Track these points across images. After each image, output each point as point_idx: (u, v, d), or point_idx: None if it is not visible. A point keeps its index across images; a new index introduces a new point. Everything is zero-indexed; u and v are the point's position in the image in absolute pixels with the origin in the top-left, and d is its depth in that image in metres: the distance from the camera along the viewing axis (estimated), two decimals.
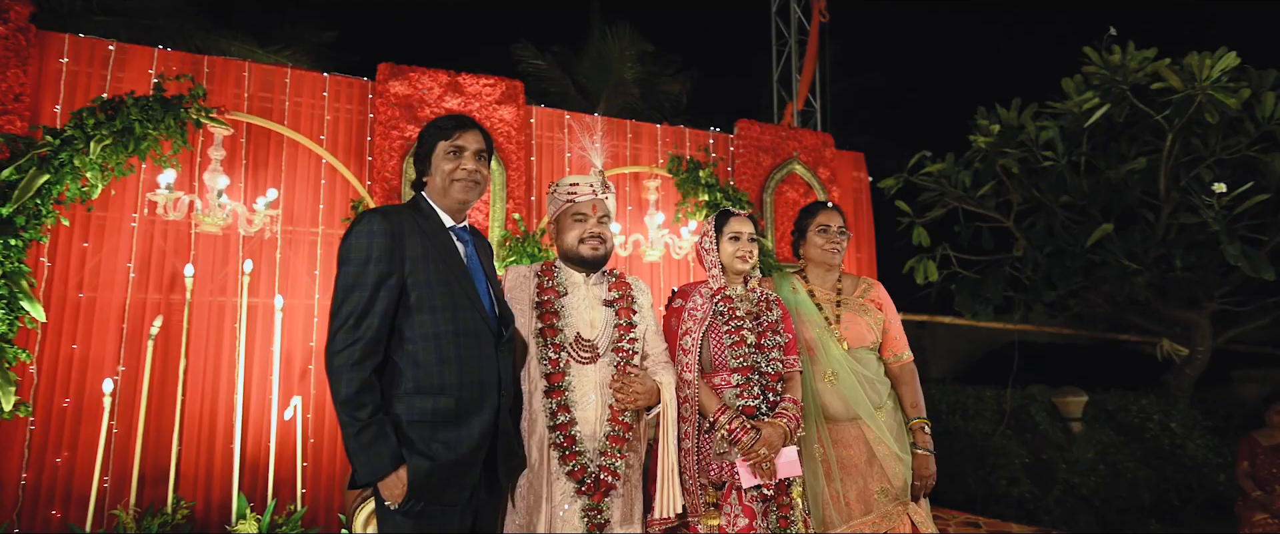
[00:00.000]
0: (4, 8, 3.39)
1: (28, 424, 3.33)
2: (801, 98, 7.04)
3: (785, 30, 7.32)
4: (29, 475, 3.32)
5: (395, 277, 1.66)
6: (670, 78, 9.67)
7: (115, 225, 3.62)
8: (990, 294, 5.71)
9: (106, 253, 3.58)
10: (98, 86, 3.63)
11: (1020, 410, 5.61)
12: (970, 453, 5.45)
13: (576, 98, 9.19)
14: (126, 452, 3.40)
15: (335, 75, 4.25)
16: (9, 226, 3.07)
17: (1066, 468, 5.09)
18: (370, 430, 1.56)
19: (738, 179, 5.31)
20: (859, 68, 14.11)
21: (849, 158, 6.09)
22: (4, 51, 3.37)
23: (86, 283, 3.53)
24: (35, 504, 3.32)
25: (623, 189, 5.03)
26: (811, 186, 5.59)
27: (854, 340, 2.31)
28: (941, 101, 12.86)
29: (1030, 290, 5.65)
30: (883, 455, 2.22)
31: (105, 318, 3.55)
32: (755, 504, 1.95)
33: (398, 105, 4.22)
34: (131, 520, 3.23)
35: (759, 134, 5.45)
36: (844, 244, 2.42)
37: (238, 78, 3.96)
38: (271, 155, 4.00)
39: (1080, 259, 5.28)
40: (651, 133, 5.16)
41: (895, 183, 6.19)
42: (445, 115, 1.89)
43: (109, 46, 3.69)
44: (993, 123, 5.43)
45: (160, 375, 3.55)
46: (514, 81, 4.59)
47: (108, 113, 3.30)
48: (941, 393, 6.09)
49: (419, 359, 1.64)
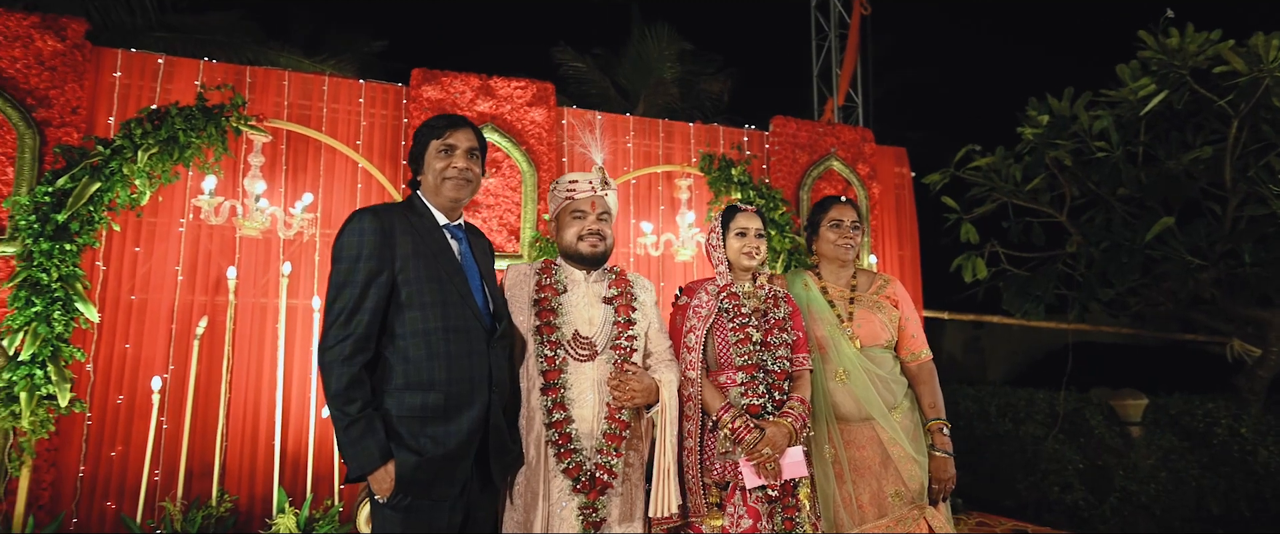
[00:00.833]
0: (61, 27, 3.59)
1: (85, 419, 3.51)
2: (842, 93, 6.89)
3: (825, 24, 7.19)
4: (86, 468, 3.51)
5: (385, 274, 1.68)
6: (711, 77, 9.61)
7: (165, 230, 3.79)
8: (1041, 292, 5.47)
9: (156, 256, 3.75)
10: (148, 98, 3.81)
11: (1074, 414, 5.35)
12: (1020, 458, 5.23)
13: (617, 99, 9.22)
14: (175, 447, 3.55)
15: (371, 82, 4.36)
16: (64, 232, 3.25)
17: (1124, 474, 4.83)
18: (359, 425, 1.59)
19: (773, 176, 5.23)
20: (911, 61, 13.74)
21: (890, 153, 5.93)
22: (62, 68, 3.57)
23: (138, 285, 3.71)
24: (92, 495, 3.50)
25: (655, 188, 5.01)
26: (850, 183, 5.47)
27: (867, 338, 2.24)
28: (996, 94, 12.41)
29: (1083, 288, 5.39)
30: (897, 457, 2.14)
31: (155, 318, 3.72)
32: (760, 505, 1.91)
33: (431, 109, 4.30)
34: (178, 513, 3.37)
35: (795, 130, 5.36)
36: (858, 239, 2.35)
37: (278, 87, 4.10)
38: (310, 160, 4.13)
39: (1138, 255, 5.01)
40: (684, 132, 5.13)
41: (941, 178, 6.00)
42: (437, 115, 1.90)
43: (158, 60, 3.87)
44: (1042, 114, 5.21)
45: (206, 374, 3.69)
46: (544, 83, 4.62)
47: (154, 123, 3.46)
48: (991, 395, 5.87)
49: (409, 355, 1.67)
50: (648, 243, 4.72)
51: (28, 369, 3.13)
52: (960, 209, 5.90)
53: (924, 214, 6.62)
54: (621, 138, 4.95)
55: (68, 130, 3.52)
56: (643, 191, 4.97)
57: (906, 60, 13.82)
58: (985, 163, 5.72)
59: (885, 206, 5.74)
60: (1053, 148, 5.21)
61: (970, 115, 12.23)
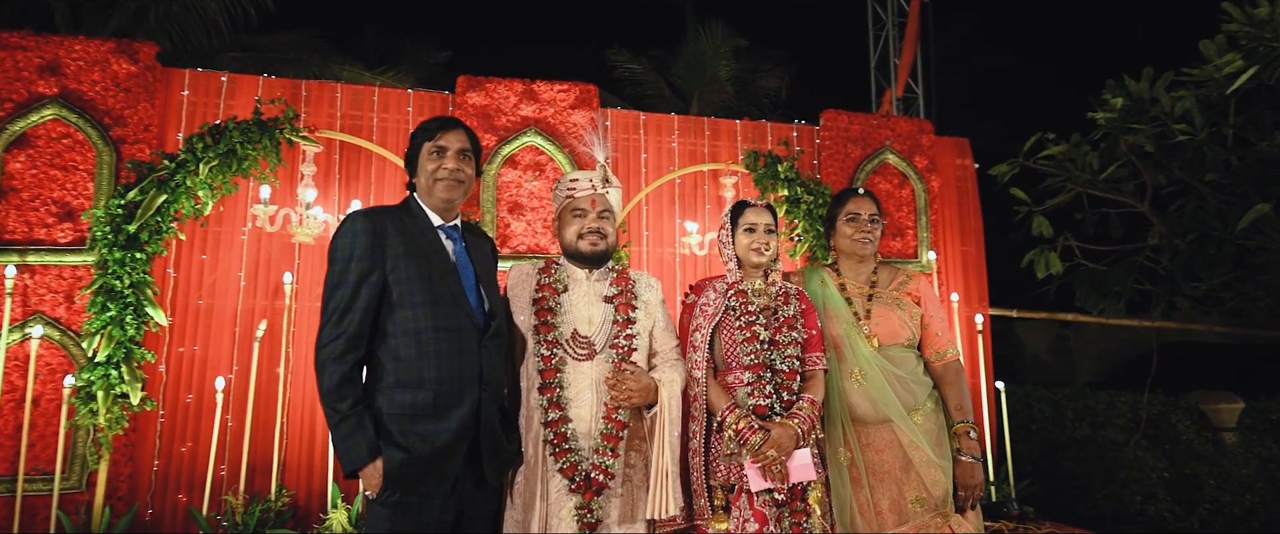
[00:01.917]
0: (135, 50, 3.85)
1: (158, 417, 3.74)
2: (901, 84, 6.64)
3: (882, 13, 6.95)
4: (159, 462, 3.74)
5: (376, 274, 1.71)
6: (768, 73, 9.46)
7: (229, 239, 4.01)
8: (1119, 288, 5.10)
9: (221, 264, 3.97)
10: (212, 114, 4.03)
11: (1160, 418, 4.97)
12: (1098, 465, 4.90)
13: (671, 99, 9.20)
14: (238, 444, 3.74)
15: (418, 91, 4.49)
16: (134, 242, 3.48)
17: (1216, 484, 4.45)
18: (349, 422, 1.62)
19: (824, 172, 5.09)
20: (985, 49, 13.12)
21: (951, 144, 5.67)
22: (136, 88, 3.82)
23: (205, 291, 3.93)
24: (164, 489, 3.73)
25: (701, 187, 4.96)
26: (907, 176, 5.26)
27: (886, 337, 2.13)
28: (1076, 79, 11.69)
29: (1166, 282, 4.99)
30: (919, 462, 2.02)
31: (221, 322, 3.93)
32: (768, 509, 1.84)
33: (475, 115, 4.39)
34: (240, 506, 3.55)
35: (847, 124, 5.19)
36: (876, 233, 2.23)
37: (331, 99, 4.27)
38: (361, 169, 4.28)
39: (1229, 246, 4.60)
40: (731, 129, 5.05)
41: (1009, 169, 5.68)
42: (432, 117, 1.93)
43: (221, 78, 4.09)
44: (1117, 97, 4.87)
45: (266, 375, 3.88)
46: (588, 86, 4.64)
47: (214, 137, 3.67)
48: (1068, 398, 5.53)
49: (400, 354, 1.69)
50: (692, 242, 4.67)
51: (104, 369, 3.37)
52: (1031, 201, 5.58)
53: (995, 208, 6.28)
54: (666, 138, 4.92)
55: (140, 147, 3.76)
56: (688, 190, 4.93)
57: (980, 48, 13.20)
58: (1057, 151, 5.39)
59: (945, 200, 5.49)
60: (1130, 133, 4.86)
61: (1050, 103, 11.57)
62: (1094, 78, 5.87)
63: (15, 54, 3.65)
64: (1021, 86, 12.64)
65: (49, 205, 3.61)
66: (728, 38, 8.91)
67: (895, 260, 5.07)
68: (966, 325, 5.21)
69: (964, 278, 5.43)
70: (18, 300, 3.48)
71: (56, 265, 3.56)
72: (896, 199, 5.18)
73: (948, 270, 5.37)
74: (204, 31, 6.06)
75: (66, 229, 3.61)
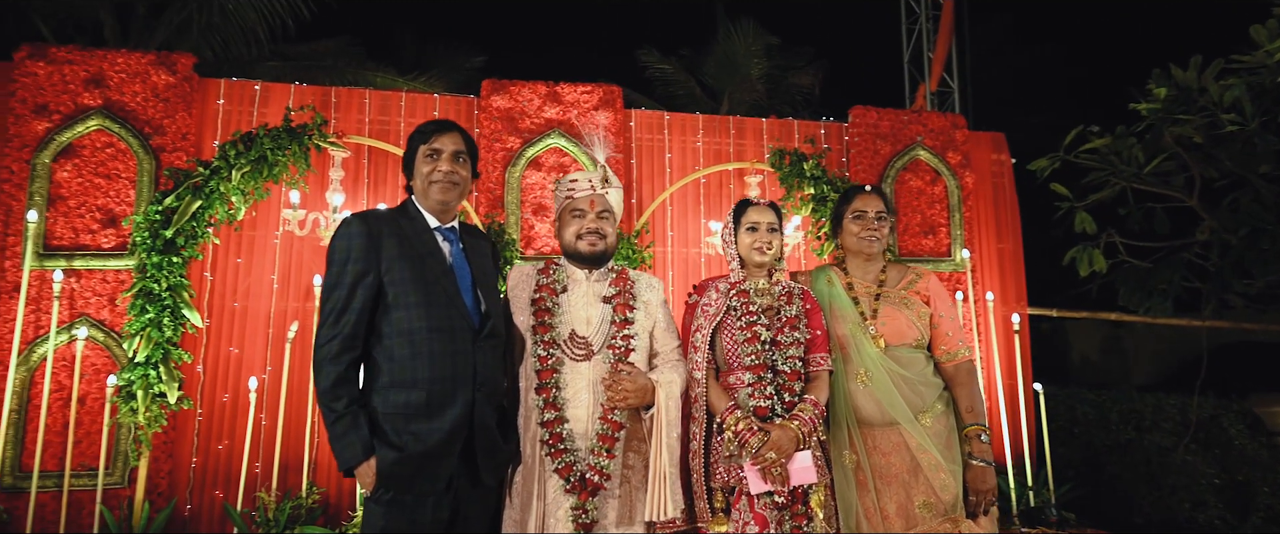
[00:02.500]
0: (173, 62, 3.99)
1: (196, 416, 3.87)
2: (935, 78, 6.48)
3: (916, 6, 6.80)
4: (198, 460, 3.87)
5: (371, 275, 1.74)
6: (800, 70, 9.34)
7: (262, 243, 4.12)
8: (1165, 285, 4.89)
9: (255, 267, 4.08)
10: (246, 122, 4.15)
11: (1211, 421, 4.75)
12: (1144, 471, 4.71)
13: (702, 99, 9.15)
14: (272, 442, 3.85)
15: (444, 95, 4.55)
16: (171, 246, 3.61)
17: (1270, 492, 4.23)
18: (344, 421, 1.65)
19: (852, 169, 5.00)
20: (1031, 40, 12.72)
21: (986, 139, 5.51)
22: (174, 98, 3.96)
23: (240, 294, 4.05)
24: (202, 485, 3.86)
25: (726, 187, 4.92)
26: (939, 173, 5.14)
27: (892, 337, 2.07)
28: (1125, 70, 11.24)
29: (1216, 280, 4.77)
30: (928, 465, 1.96)
31: (255, 324, 4.05)
32: (768, 512, 1.81)
33: (500, 118, 4.44)
34: (273, 502, 3.65)
35: (876, 120, 5.10)
36: (884, 231, 2.18)
37: (360, 105, 4.36)
38: (388, 173, 4.36)
39: None
40: (756, 127, 5.01)
41: (1049, 163, 5.50)
42: (427, 121, 1.95)
43: (255, 87, 4.21)
44: (1161, 87, 4.67)
45: (298, 375, 3.98)
46: (611, 87, 4.65)
47: (245, 144, 3.78)
48: (1113, 400, 5.32)
49: (394, 354, 1.72)
50: (717, 242, 4.64)
51: (143, 370, 3.50)
52: (1072, 196, 5.38)
53: (1034, 204, 6.09)
54: (691, 137, 4.90)
55: (178, 154, 3.90)
56: (713, 190, 4.90)
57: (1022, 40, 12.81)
58: (1100, 144, 5.19)
59: (981, 197, 5.34)
60: (1175, 124, 4.65)
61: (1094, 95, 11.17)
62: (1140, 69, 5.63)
63: (62, 68, 3.82)
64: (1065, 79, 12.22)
65: (93, 212, 3.76)
66: (759, 36, 8.83)
67: (919, 258, 4.95)
68: (1003, 325, 5.07)
69: (1000, 276, 5.28)
70: (65, 303, 3.63)
71: (101, 269, 3.71)
72: (928, 196, 5.06)
73: (983, 268, 5.22)
74: (243, 41, 6.25)
75: (110, 235, 3.76)
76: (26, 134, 3.72)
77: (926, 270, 2.22)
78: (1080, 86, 11.96)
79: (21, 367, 3.53)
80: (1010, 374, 4.92)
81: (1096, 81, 11.70)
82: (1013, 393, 4.90)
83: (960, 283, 4.95)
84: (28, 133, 3.72)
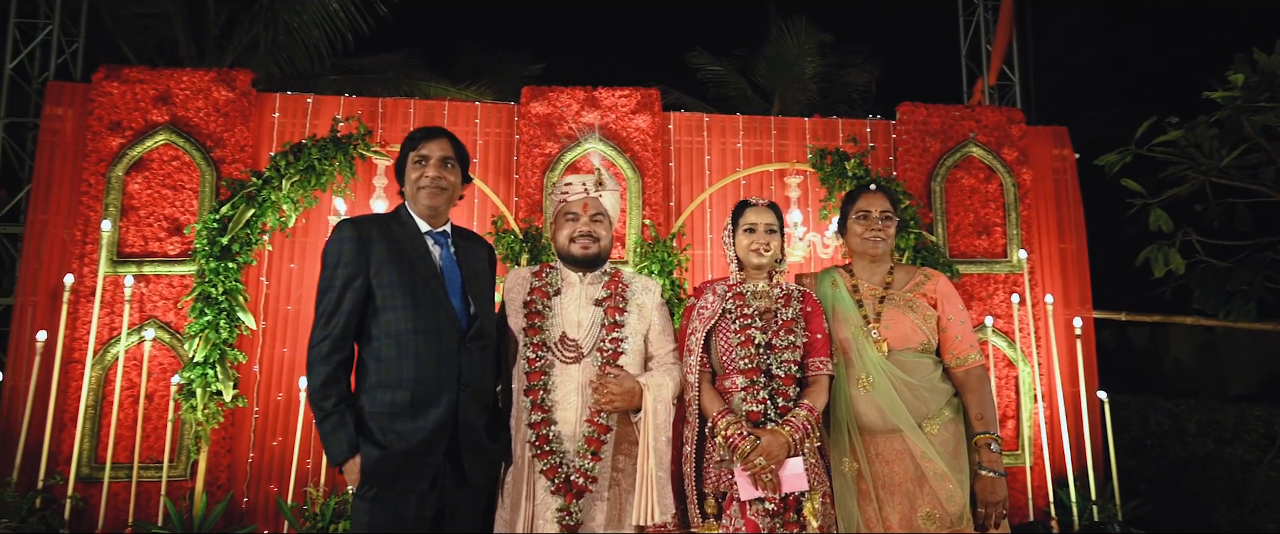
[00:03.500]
0: (232, 78, 4.23)
1: (253, 413, 4.08)
2: (994, 71, 6.20)
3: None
4: (254, 455, 4.07)
5: (361, 278, 1.80)
6: (855, 68, 9.12)
7: (314, 248, 4.31)
8: (1246, 287, 4.53)
9: (308, 272, 4.27)
10: (299, 133, 4.35)
11: None
12: (1224, 486, 4.38)
13: (754, 100, 9.05)
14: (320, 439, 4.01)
15: (485, 102, 4.65)
16: (227, 253, 3.82)
17: None
18: (332, 419, 1.72)
19: (900, 168, 4.85)
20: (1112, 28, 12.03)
21: (1047, 134, 5.24)
22: (233, 113, 4.20)
23: (293, 298, 4.24)
24: (258, 479, 4.06)
25: (766, 188, 4.84)
26: (994, 170, 4.92)
27: (896, 341, 1.98)
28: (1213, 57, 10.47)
29: None
30: (933, 475, 1.87)
31: (307, 326, 4.15)
32: (760, 519, 1.77)
33: (538, 124, 4.50)
34: (320, 497, 3.81)
35: (925, 117, 4.92)
36: (889, 231, 2.09)
37: (405, 114, 4.51)
38: None
39: None
40: (799, 127, 4.91)
41: (1119, 158, 5.17)
42: (417, 128, 1.99)
43: (307, 100, 4.42)
44: (1239, 73, 4.33)
45: None
46: (650, 90, 4.65)
47: (295, 155, 3.97)
48: (1191, 410, 4.97)
49: (381, 354, 1.77)
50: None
51: (201, 369, 3.72)
52: (1145, 192, 5.05)
53: (1102, 202, 5.76)
54: (731, 139, 4.85)
55: (237, 165, 4.13)
56: (753, 191, 4.82)
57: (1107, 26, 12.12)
58: (1176, 136, 4.85)
59: (1041, 194, 5.08)
60: (1257, 113, 4.31)
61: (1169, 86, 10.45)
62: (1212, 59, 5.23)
63: (134, 87, 4.10)
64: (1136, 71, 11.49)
65: (161, 221, 4.02)
66: (812, 34, 8.67)
67: (973, 260, 4.75)
68: (1064, 329, 4.80)
69: (1062, 277, 5.01)
70: (135, 306, 3.90)
71: (167, 275, 3.96)
72: (981, 195, 4.85)
73: (1043, 269, 4.97)
74: (307, 57, 6.57)
75: (175, 242, 4.01)
76: (103, 149, 4.01)
77: (936, 273, 2.13)
78: (1151, 77, 11.21)
79: (97, 366, 3.80)
80: (1072, 381, 4.66)
81: (1167, 72, 10.93)
82: (1075, 401, 4.63)
83: (1017, 285, 4.73)
84: (103, 148, 4.01)
